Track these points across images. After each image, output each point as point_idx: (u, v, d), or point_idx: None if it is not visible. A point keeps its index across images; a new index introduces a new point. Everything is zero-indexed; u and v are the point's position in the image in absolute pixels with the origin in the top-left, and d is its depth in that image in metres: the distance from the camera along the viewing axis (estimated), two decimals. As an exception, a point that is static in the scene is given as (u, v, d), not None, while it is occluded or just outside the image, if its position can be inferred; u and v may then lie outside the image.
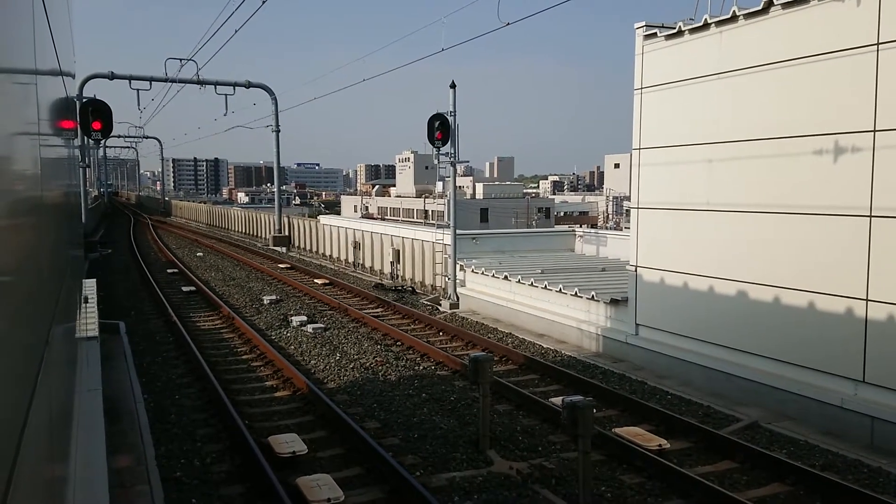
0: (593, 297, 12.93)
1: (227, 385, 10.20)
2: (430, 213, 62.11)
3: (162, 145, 72.29)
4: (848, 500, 6.56)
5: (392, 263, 22.33)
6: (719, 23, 10.14)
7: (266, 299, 17.60)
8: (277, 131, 31.98)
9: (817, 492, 6.80)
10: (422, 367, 11.49)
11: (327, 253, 28.83)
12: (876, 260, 8.31)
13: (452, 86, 17.14)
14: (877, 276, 8.30)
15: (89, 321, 9.32)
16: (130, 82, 28.03)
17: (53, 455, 2.80)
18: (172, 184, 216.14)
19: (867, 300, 8.40)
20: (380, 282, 21.21)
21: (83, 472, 4.97)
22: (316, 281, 21.35)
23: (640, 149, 11.85)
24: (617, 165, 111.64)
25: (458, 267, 17.50)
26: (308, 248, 31.37)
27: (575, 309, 13.47)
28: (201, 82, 28.96)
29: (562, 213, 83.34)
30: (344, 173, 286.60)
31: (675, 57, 11.04)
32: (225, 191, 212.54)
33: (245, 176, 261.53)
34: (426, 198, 70.84)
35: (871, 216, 8.31)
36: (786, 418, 9.03)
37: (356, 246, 25.56)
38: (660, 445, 7.88)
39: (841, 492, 6.65)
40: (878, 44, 8.13)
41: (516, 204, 69.99)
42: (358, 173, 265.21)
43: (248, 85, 30.73)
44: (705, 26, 10.36)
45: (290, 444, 7.67)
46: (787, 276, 9.37)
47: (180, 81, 28.86)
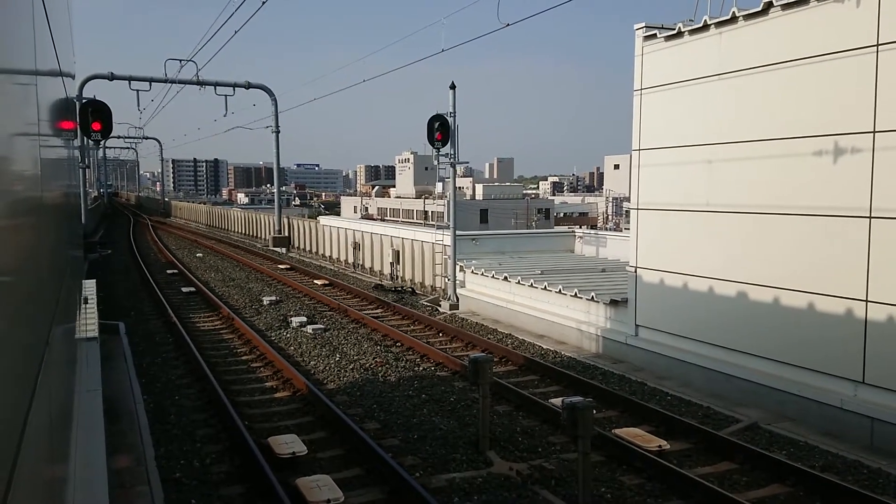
0: (593, 297, 12.93)
1: (226, 386, 10.20)
2: (430, 214, 62.15)
3: (162, 146, 72.32)
4: (848, 501, 6.56)
5: (392, 264, 22.33)
6: (719, 24, 10.15)
7: (266, 300, 17.60)
8: (277, 132, 32.01)
9: (817, 493, 6.80)
10: (421, 368, 11.49)
11: (327, 254, 28.83)
12: (875, 261, 8.31)
13: (452, 87, 17.15)
14: (876, 277, 8.31)
15: (89, 322, 9.32)
16: (130, 83, 28.05)
17: (53, 455, 2.79)
18: (172, 184, 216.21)
19: (867, 301, 8.40)
20: (379, 283, 21.21)
21: (83, 472, 4.97)
22: (316, 282, 21.35)
23: (639, 150, 11.85)
24: (617, 166, 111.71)
25: (457, 268, 17.50)
26: (308, 248, 31.37)
27: (575, 310, 13.47)
28: (201, 83, 28.98)
29: (561, 214, 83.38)
30: (344, 174, 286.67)
31: (674, 58, 11.05)
32: (225, 191, 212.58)
33: (245, 177, 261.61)
34: (426, 199, 70.87)
35: (870, 217, 8.31)
36: (785, 419, 9.03)
37: (356, 247, 25.56)
38: (659, 446, 7.88)
39: (841, 493, 6.65)
40: (878, 45, 8.13)
41: (516, 205, 70.03)
42: (358, 174, 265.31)
43: (248, 86, 30.76)
44: (705, 27, 10.36)
45: (289, 444, 7.67)
46: (786, 277, 9.37)
47: (180, 82, 28.89)
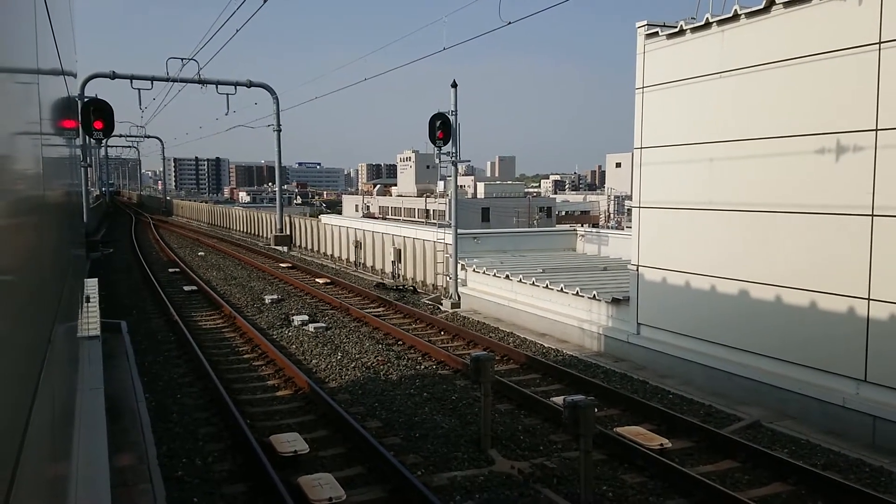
0: (595, 296, 12.93)
1: (228, 384, 10.21)
2: (432, 213, 62.14)
3: (163, 144, 72.38)
4: (850, 499, 6.55)
5: (393, 263, 22.33)
6: (721, 22, 10.14)
7: (267, 298, 17.61)
8: (279, 130, 32.00)
9: (819, 491, 6.79)
10: (423, 367, 11.49)
11: (328, 252, 28.84)
12: (878, 259, 8.30)
13: (454, 85, 17.14)
14: (879, 275, 8.29)
15: (91, 320, 9.34)
16: (132, 82, 28.06)
17: (56, 454, 2.80)
18: (174, 183, 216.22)
19: (869, 299, 8.39)
20: (381, 281, 21.22)
21: (85, 470, 4.98)
22: (317, 280, 21.36)
23: (641, 148, 11.84)
24: (618, 165, 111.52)
25: (459, 266, 17.50)
26: (309, 247, 31.39)
27: (576, 308, 13.47)
28: (203, 82, 28.98)
29: (563, 213, 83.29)
30: (345, 173, 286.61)
31: (676, 56, 11.04)
32: (226, 190, 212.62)
33: (246, 175, 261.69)
34: (427, 197, 70.85)
35: (872, 215, 8.30)
36: (787, 417, 9.03)
37: (357, 245, 25.57)
38: (661, 445, 7.88)
39: (843, 491, 6.65)
40: (880, 43, 8.12)
41: (517, 203, 69.98)
42: (359, 172, 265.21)
43: (250, 84, 30.74)
44: (707, 25, 10.35)
45: (291, 443, 7.67)
46: (788, 276, 9.36)
47: (182, 81, 28.89)
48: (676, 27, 10.92)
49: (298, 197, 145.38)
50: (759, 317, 9.77)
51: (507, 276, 15.46)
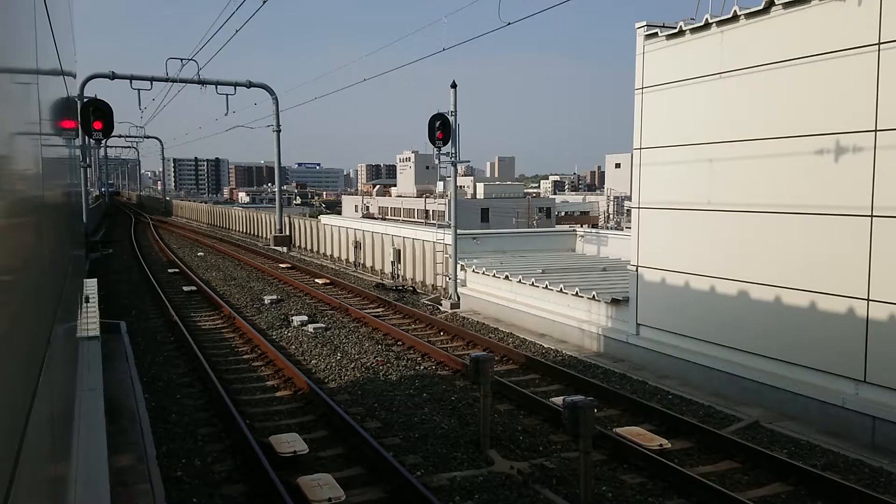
0: (594, 297, 12.93)
1: (228, 385, 10.21)
2: (431, 213, 62.13)
3: (163, 145, 72.37)
4: (849, 500, 6.56)
5: (393, 263, 22.33)
6: (720, 22, 10.14)
7: (267, 299, 17.61)
8: (278, 131, 31.99)
9: (818, 492, 6.79)
10: (423, 367, 11.49)
11: (328, 253, 28.84)
12: (877, 260, 8.30)
13: (453, 85, 17.14)
14: (878, 276, 8.30)
15: (90, 321, 9.33)
16: (131, 82, 28.05)
17: (55, 454, 2.80)
18: (173, 183, 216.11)
19: (868, 300, 8.39)
20: (381, 282, 21.22)
21: (84, 470, 4.98)
22: (317, 281, 21.35)
23: (641, 148, 11.85)
24: (618, 165, 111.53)
25: (458, 267, 17.51)
26: (309, 247, 31.38)
27: (576, 309, 13.47)
28: (202, 82, 28.97)
29: (563, 213, 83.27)
30: (345, 173, 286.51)
31: (676, 57, 11.04)
32: (226, 190, 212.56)
33: (246, 176, 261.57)
34: (427, 198, 70.85)
35: (872, 216, 8.30)
36: (787, 418, 9.03)
37: (357, 246, 25.56)
38: (661, 445, 7.88)
39: (842, 492, 6.65)
40: (880, 43, 8.12)
41: (517, 204, 69.93)
42: (359, 173, 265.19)
43: (249, 85, 30.73)
44: (706, 26, 10.35)
45: (291, 443, 7.67)
46: (788, 276, 9.36)
47: (181, 81, 28.88)
48: (676, 28, 10.92)
49: (298, 197, 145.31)
50: (758, 317, 9.77)
51: (507, 277, 15.46)
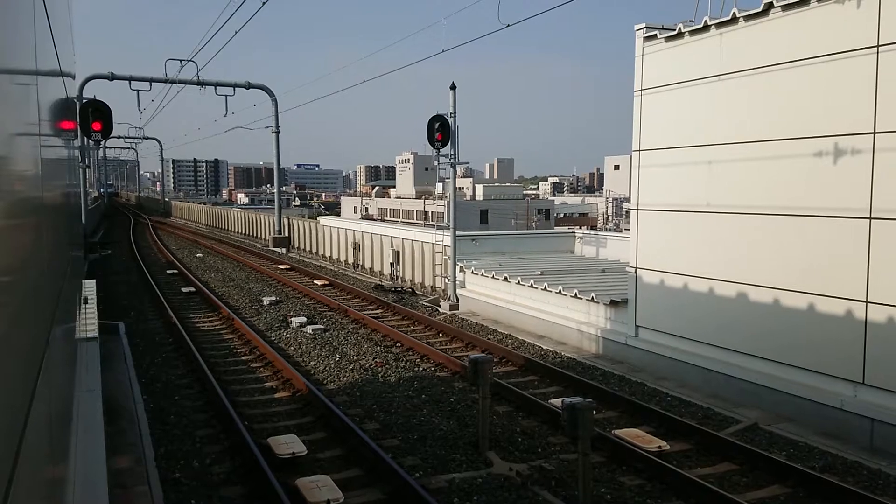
0: (593, 298, 12.93)
1: (226, 386, 10.20)
2: (430, 215, 62.09)
3: (162, 146, 72.25)
4: (848, 501, 6.56)
5: (392, 265, 22.32)
6: (719, 24, 10.15)
7: (266, 300, 17.60)
8: (277, 132, 31.96)
9: (817, 493, 6.80)
10: (421, 369, 11.49)
11: (327, 254, 28.83)
12: (875, 262, 8.31)
13: (452, 87, 17.15)
14: (876, 278, 8.30)
15: (89, 322, 9.32)
16: (130, 83, 27.99)
17: (53, 455, 2.79)
18: (172, 185, 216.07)
19: (867, 302, 8.40)
20: (379, 283, 21.21)
21: (83, 472, 4.97)
22: (315, 282, 21.34)
23: (639, 150, 11.85)
24: (617, 167, 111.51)
25: (457, 268, 17.50)
26: (308, 249, 31.37)
27: (575, 310, 13.47)
28: (201, 83, 28.92)
29: (561, 215, 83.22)
30: (344, 174, 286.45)
31: (675, 59, 11.05)
32: (225, 192, 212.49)
33: (245, 177, 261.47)
34: (426, 199, 70.83)
35: (870, 218, 8.31)
36: (785, 420, 9.03)
37: (356, 247, 25.56)
38: (659, 447, 7.88)
39: (841, 493, 6.65)
40: (878, 46, 8.13)
41: (516, 205, 69.89)
42: (358, 174, 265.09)
43: (248, 86, 30.70)
44: (705, 28, 10.36)
45: (289, 445, 7.67)
46: (786, 278, 9.37)
47: (180, 82, 28.82)
48: (675, 30, 10.94)
49: (297, 198, 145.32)
50: (757, 319, 9.77)
51: (506, 278, 15.46)
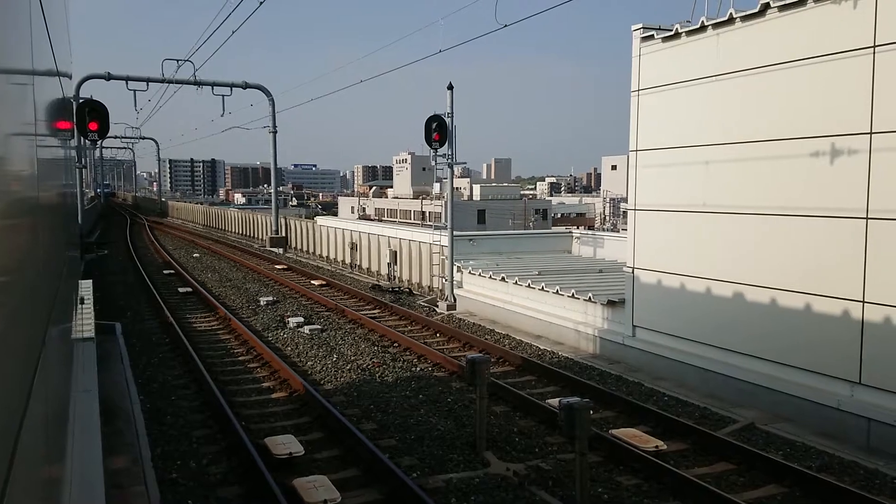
0: (590, 298, 12.94)
1: (223, 386, 10.19)
2: (428, 215, 62.08)
3: (158, 146, 72.03)
4: (844, 501, 6.57)
5: (389, 265, 22.31)
6: (716, 25, 10.16)
7: (263, 300, 17.58)
8: (274, 132, 31.89)
9: (814, 493, 6.81)
10: (419, 369, 11.48)
11: (324, 254, 28.81)
12: (872, 262, 8.32)
13: (450, 87, 17.15)
14: (873, 278, 8.32)
15: (85, 322, 9.30)
16: (127, 83, 27.91)
17: (49, 456, 2.79)
18: (169, 185, 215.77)
19: (864, 302, 8.42)
20: (377, 283, 21.20)
21: (79, 472, 4.96)
22: (313, 282, 21.33)
23: (637, 150, 11.87)
24: (614, 167, 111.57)
25: (455, 268, 17.50)
26: (305, 249, 31.35)
27: (572, 310, 13.48)
28: (198, 83, 28.85)
29: (559, 215, 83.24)
30: (341, 174, 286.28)
31: (672, 59, 11.06)
32: (222, 192, 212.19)
33: (242, 177, 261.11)
34: (423, 199, 70.83)
35: (867, 218, 8.33)
36: (782, 420, 9.04)
37: (353, 247, 25.54)
38: (657, 447, 7.89)
39: (837, 493, 6.66)
40: (875, 46, 8.15)
41: (513, 205, 69.94)
42: (355, 174, 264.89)
43: (245, 86, 30.63)
44: (702, 28, 10.38)
45: (286, 445, 7.66)
46: (783, 278, 9.38)
47: (177, 82, 28.75)
48: (672, 30, 10.95)
49: (294, 199, 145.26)
50: (754, 319, 9.79)
51: (503, 279, 15.47)
